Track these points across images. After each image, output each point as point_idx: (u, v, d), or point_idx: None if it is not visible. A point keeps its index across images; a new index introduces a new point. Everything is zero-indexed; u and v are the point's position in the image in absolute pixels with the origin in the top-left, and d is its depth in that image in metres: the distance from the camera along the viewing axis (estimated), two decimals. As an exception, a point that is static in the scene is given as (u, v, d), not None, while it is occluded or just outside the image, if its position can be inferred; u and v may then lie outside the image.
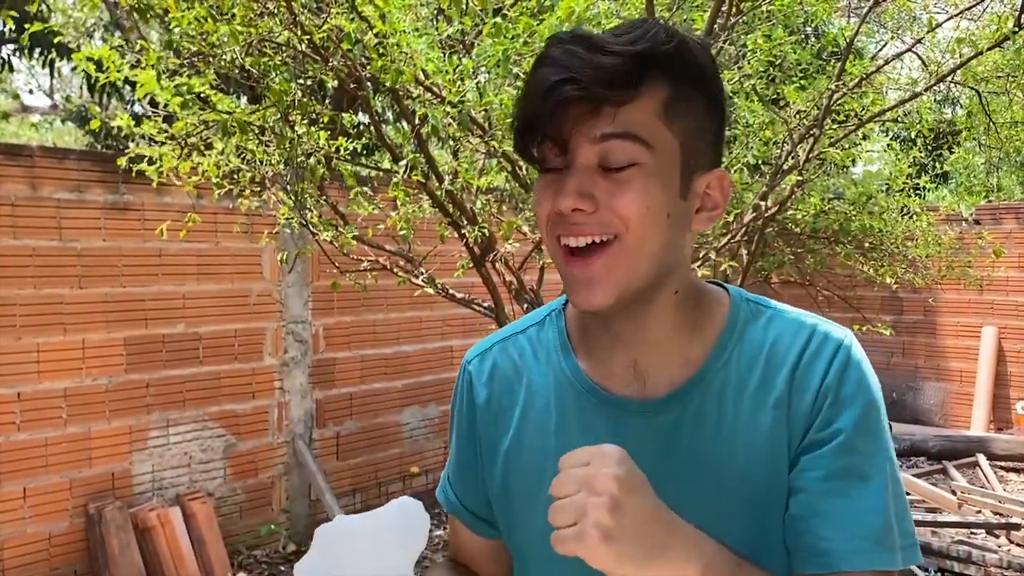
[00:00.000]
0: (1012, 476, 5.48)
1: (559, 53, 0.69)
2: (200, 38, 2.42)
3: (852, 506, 0.74)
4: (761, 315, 0.81)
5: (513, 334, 0.90)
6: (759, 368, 0.78)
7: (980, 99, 3.47)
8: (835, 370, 0.76)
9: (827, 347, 0.77)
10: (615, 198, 0.71)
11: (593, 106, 0.69)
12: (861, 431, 0.75)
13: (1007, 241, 6.32)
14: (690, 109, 0.73)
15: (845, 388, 0.76)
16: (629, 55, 0.69)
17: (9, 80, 10.49)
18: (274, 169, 2.87)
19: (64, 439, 3.63)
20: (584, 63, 0.68)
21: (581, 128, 0.70)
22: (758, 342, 0.79)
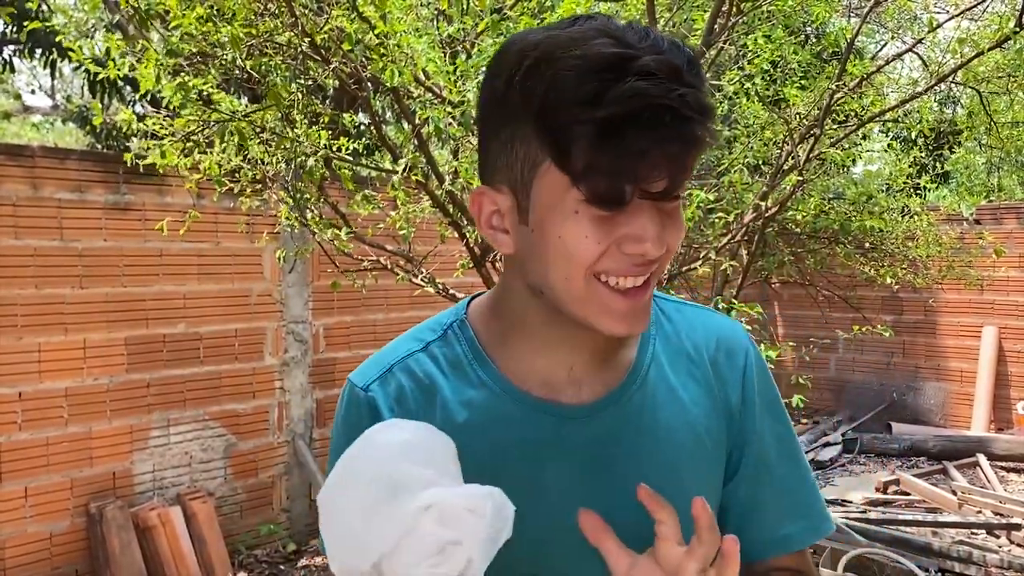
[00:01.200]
0: (1013, 476, 5.47)
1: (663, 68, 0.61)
2: (201, 38, 2.43)
3: (795, 489, 0.82)
4: (666, 309, 0.84)
5: (411, 352, 0.81)
6: (683, 362, 0.81)
7: (981, 99, 3.47)
8: (751, 369, 0.82)
9: (738, 344, 0.83)
10: (672, 232, 0.68)
11: (699, 145, 0.64)
12: (780, 420, 0.83)
13: (1008, 241, 6.31)
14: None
15: (761, 386, 0.83)
16: (701, 85, 0.64)
17: (10, 80, 10.50)
18: (275, 169, 2.87)
19: (65, 439, 3.64)
20: (695, 96, 0.62)
21: (687, 166, 0.65)
22: (674, 337, 0.82)
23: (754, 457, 0.81)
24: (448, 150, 3.07)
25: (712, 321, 0.84)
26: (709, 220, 3.39)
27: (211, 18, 2.34)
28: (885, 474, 5.35)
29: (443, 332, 0.82)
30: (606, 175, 0.63)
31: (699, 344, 0.82)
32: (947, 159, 9.09)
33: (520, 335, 0.77)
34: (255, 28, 2.42)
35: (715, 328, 0.84)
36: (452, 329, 0.82)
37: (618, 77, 0.61)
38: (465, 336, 0.80)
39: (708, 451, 0.79)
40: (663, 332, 0.82)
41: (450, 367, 0.79)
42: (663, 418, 0.78)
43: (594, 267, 0.67)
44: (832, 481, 5.41)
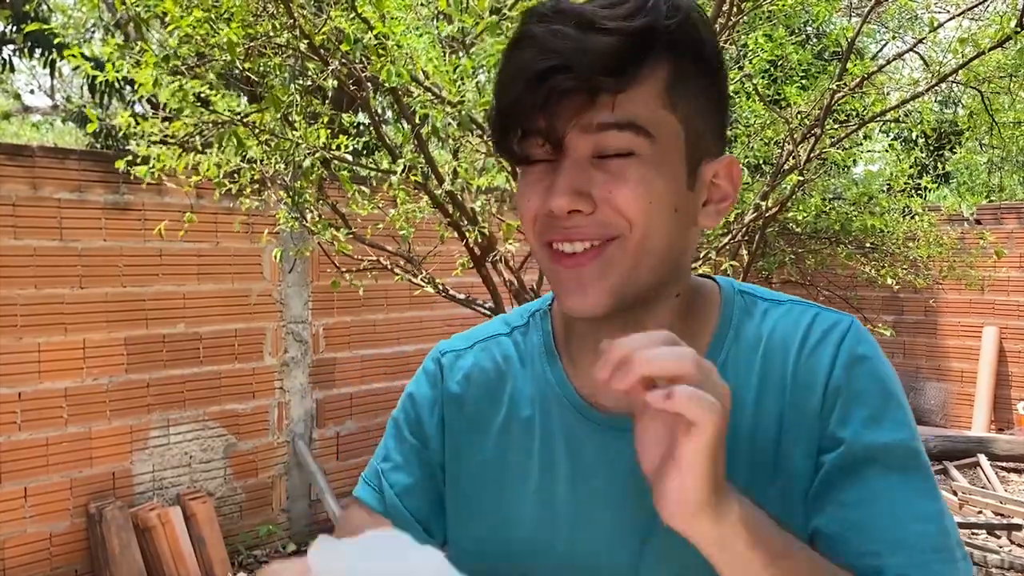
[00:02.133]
0: (1013, 476, 5.47)
1: (544, 33, 0.59)
2: (200, 39, 2.42)
3: (895, 512, 0.63)
4: (755, 308, 0.73)
5: (496, 335, 0.80)
6: (756, 368, 0.70)
7: (983, 99, 3.46)
8: (842, 363, 0.67)
9: (830, 338, 0.68)
10: (613, 192, 0.62)
11: (589, 96, 0.60)
12: (883, 428, 0.66)
13: (1008, 241, 6.31)
14: (694, 90, 0.64)
15: (856, 383, 0.67)
16: (627, 34, 0.59)
17: (10, 80, 10.50)
18: (274, 169, 2.87)
19: (65, 439, 3.63)
20: (576, 46, 0.58)
21: (574, 118, 0.61)
22: (754, 339, 0.71)
23: (838, 469, 0.65)
24: (448, 150, 3.07)
25: (806, 314, 0.71)
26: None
27: (209, 20, 2.33)
28: (886, 474, 5.33)
29: (527, 320, 0.80)
30: (496, 131, 0.65)
31: (781, 342, 0.70)
32: (948, 159, 9.09)
33: (581, 332, 0.75)
34: (253, 29, 2.41)
35: (807, 321, 0.70)
36: (535, 318, 0.80)
37: (523, 22, 0.62)
38: (543, 328, 0.78)
39: (771, 464, 0.67)
40: (744, 333, 0.71)
41: (527, 357, 0.77)
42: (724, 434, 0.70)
43: (537, 232, 0.66)
44: (833, 481, 5.40)
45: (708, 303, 0.74)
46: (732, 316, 0.73)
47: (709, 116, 0.66)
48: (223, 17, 2.36)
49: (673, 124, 0.64)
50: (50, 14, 6.86)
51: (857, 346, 0.68)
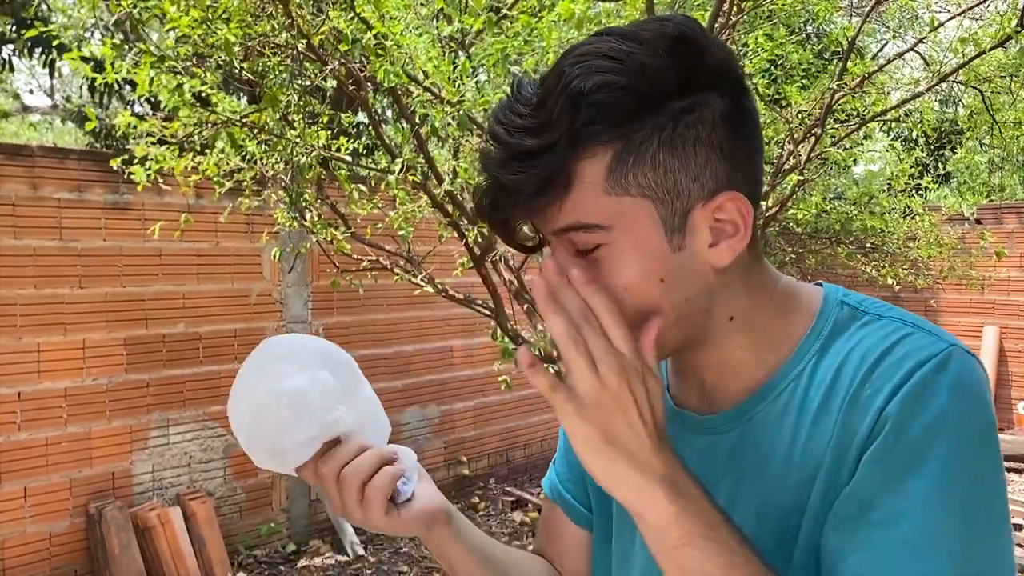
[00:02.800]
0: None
1: (489, 165, 0.64)
2: (199, 39, 2.42)
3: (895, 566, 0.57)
4: (854, 322, 0.67)
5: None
6: (825, 383, 0.64)
7: (983, 99, 3.46)
8: (904, 393, 0.59)
9: (907, 362, 0.60)
10: (590, 276, 0.64)
11: (534, 215, 0.65)
12: (920, 478, 0.57)
13: (1008, 241, 6.30)
14: (647, 152, 0.61)
15: (916, 418, 0.58)
16: (545, 157, 0.60)
17: (9, 80, 10.50)
18: (273, 169, 2.87)
19: (64, 439, 3.63)
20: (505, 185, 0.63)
21: (537, 223, 0.67)
22: (838, 355, 0.65)
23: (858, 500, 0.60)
24: (448, 149, 3.06)
25: (896, 334, 0.63)
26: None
27: (207, 20, 2.33)
28: (886, 474, 5.33)
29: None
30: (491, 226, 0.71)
31: (854, 361, 0.64)
32: (948, 159, 9.08)
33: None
34: (252, 29, 2.41)
35: (892, 342, 0.63)
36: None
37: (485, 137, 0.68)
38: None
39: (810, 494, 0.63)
40: (833, 348, 0.66)
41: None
42: (779, 447, 0.66)
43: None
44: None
45: (802, 314, 0.70)
46: (824, 328, 0.68)
47: (685, 164, 0.62)
48: (221, 17, 2.35)
49: (629, 203, 0.62)
50: (50, 13, 6.86)
51: (931, 382, 0.58)
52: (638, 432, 0.57)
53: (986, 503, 0.58)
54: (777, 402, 0.67)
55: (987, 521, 0.58)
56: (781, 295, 0.71)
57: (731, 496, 0.68)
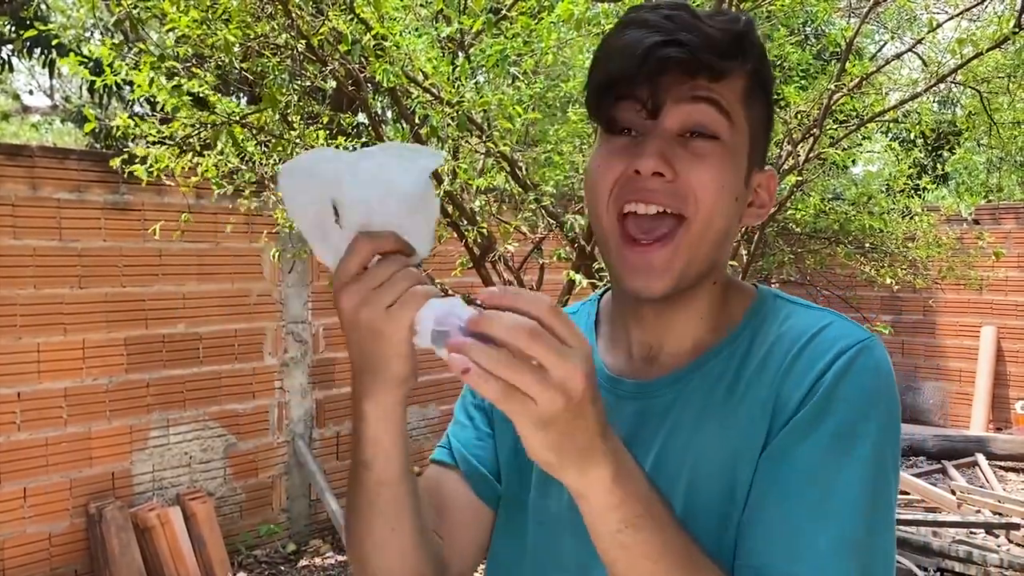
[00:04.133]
0: (1011, 476, 5.48)
1: (657, 18, 0.67)
2: (198, 40, 2.42)
3: (795, 520, 0.63)
4: (783, 310, 0.75)
5: None
6: (756, 360, 0.71)
7: (981, 99, 3.47)
8: (837, 368, 0.66)
9: (837, 343, 0.68)
10: (693, 170, 0.69)
11: (690, 73, 0.68)
12: (840, 439, 0.64)
13: (1006, 241, 6.32)
14: (758, 104, 0.73)
15: (841, 388, 0.66)
16: (729, 32, 0.69)
17: (9, 80, 10.50)
18: (272, 170, 2.87)
19: (64, 439, 3.63)
20: (689, 28, 0.67)
21: (673, 91, 0.68)
22: (769, 335, 0.73)
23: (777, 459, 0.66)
24: (447, 150, 3.07)
25: (821, 321, 0.72)
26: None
27: (207, 21, 2.34)
28: (885, 474, 5.34)
29: (578, 309, 0.88)
30: (592, 96, 0.72)
31: (786, 342, 0.71)
32: (947, 160, 9.10)
33: (619, 314, 0.81)
34: (251, 30, 2.42)
35: (819, 327, 0.71)
36: (584, 306, 0.88)
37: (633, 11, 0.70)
38: (588, 311, 0.86)
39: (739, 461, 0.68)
40: (763, 331, 0.73)
41: None
42: (710, 414, 0.71)
43: (612, 199, 0.71)
44: (832, 481, 5.41)
45: (741, 299, 0.78)
46: (758, 314, 0.76)
47: (763, 131, 0.75)
48: (220, 18, 2.36)
49: (745, 123, 0.72)
50: (49, 13, 6.86)
51: (858, 363, 0.67)
52: (591, 427, 0.57)
53: (887, 490, 0.67)
54: (712, 371, 0.73)
55: (886, 507, 0.67)
56: (735, 282, 0.80)
57: (662, 455, 0.72)
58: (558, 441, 0.55)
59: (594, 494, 0.59)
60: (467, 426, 0.85)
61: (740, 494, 0.67)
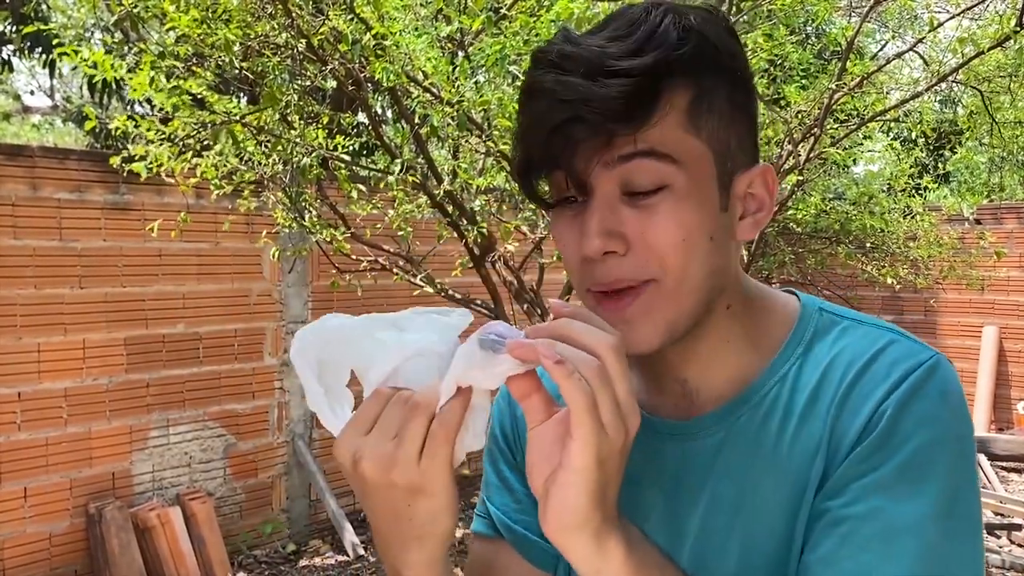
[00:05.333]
0: (1013, 476, 5.46)
1: (553, 83, 0.59)
2: (198, 40, 2.42)
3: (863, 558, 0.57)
4: (834, 327, 0.67)
5: None
6: (808, 389, 0.64)
7: (982, 98, 3.46)
8: (898, 396, 0.60)
9: (899, 367, 0.61)
10: (647, 232, 0.61)
11: (607, 137, 0.59)
12: (905, 474, 0.58)
13: (1008, 241, 6.31)
14: (718, 106, 0.63)
15: (904, 418, 0.59)
16: (636, 74, 0.58)
17: (10, 81, 10.50)
18: (272, 170, 2.87)
19: (64, 439, 3.63)
20: (585, 96, 0.57)
21: (596, 157, 0.60)
22: (823, 358, 0.65)
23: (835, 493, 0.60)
24: (447, 150, 3.07)
25: (881, 339, 0.64)
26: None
27: (207, 20, 2.34)
28: (886, 474, 5.33)
29: None
30: (520, 179, 0.64)
31: (843, 364, 0.64)
32: (948, 159, 9.09)
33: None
34: (252, 29, 2.41)
35: (880, 347, 0.63)
36: None
37: (531, 70, 0.62)
38: None
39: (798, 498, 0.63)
40: (814, 352, 0.66)
41: None
42: (763, 450, 0.65)
43: (580, 281, 0.65)
44: (833, 481, 5.41)
45: (780, 315, 0.70)
46: (805, 332, 0.68)
47: (737, 128, 0.65)
48: (221, 17, 2.36)
49: (699, 148, 0.62)
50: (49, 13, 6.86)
51: (924, 387, 0.60)
52: (617, 482, 0.54)
53: (969, 511, 0.60)
54: (762, 404, 0.66)
55: (968, 529, 0.59)
56: (760, 297, 0.71)
57: (712, 505, 0.66)
58: (600, 491, 0.52)
59: (610, 569, 0.54)
60: (502, 489, 0.78)
61: (798, 547, 0.62)
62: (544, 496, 0.54)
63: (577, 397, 0.50)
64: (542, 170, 0.63)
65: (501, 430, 0.81)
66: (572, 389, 0.50)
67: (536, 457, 0.55)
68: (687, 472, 0.67)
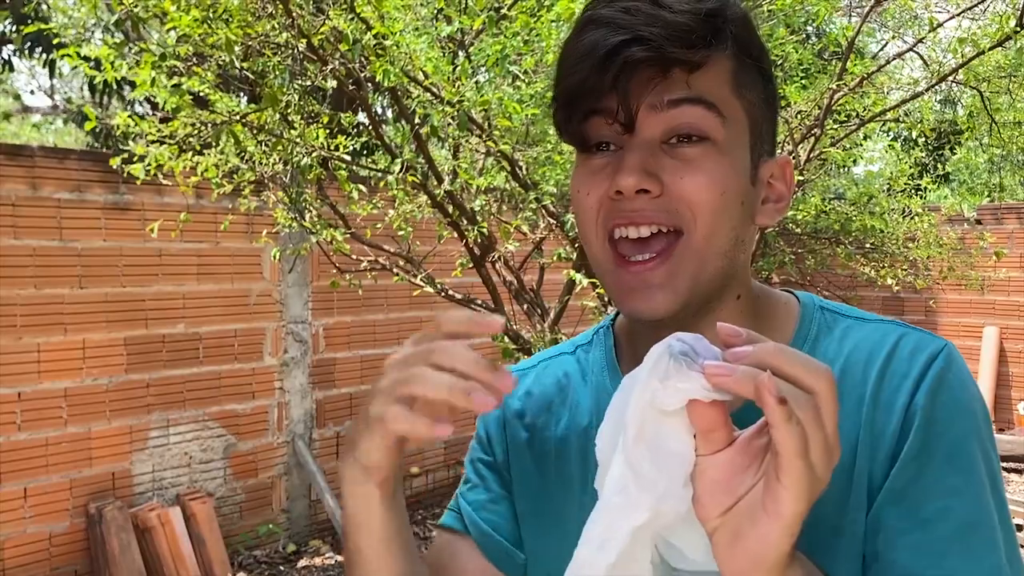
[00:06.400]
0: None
1: (614, 12, 0.59)
2: (199, 39, 2.42)
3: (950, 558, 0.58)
4: (837, 325, 0.69)
5: (560, 354, 0.80)
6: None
7: (982, 99, 3.46)
8: (927, 388, 0.62)
9: (918, 359, 0.63)
10: (684, 179, 0.60)
11: (662, 70, 0.59)
12: (952, 466, 0.61)
13: (1009, 241, 6.31)
14: (754, 84, 0.64)
15: (936, 415, 0.61)
16: (699, 14, 0.59)
17: (10, 80, 10.51)
18: (272, 170, 2.87)
19: (64, 439, 3.63)
20: (651, 21, 0.58)
21: (646, 94, 0.60)
22: (832, 357, 0.66)
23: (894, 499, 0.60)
24: (447, 150, 3.07)
25: (892, 334, 0.66)
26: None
27: (207, 20, 2.34)
28: (886, 474, 5.34)
29: (592, 338, 0.80)
30: (558, 112, 0.64)
31: (861, 362, 0.65)
32: (948, 159, 9.09)
33: (644, 340, 0.71)
34: (252, 29, 2.41)
35: (892, 342, 0.65)
36: (598, 335, 0.79)
37: (588, 9, 0.62)
38: (605, 343, 0.77)
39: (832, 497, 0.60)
40: (819, 349, 0.67)
41: (588, 372, 0.77)
42: None
43: (599, 223, 0.64)
44: (833, 481, 5.41)
45: (783, 316, 0.71)
46: (809, 332, 0.69)
47: (766, 114, 0.66)
48: (221, 17, 2.36)
49: (740, 112, 0.63)
50: (49, 13, 6.86)
51: (947, 374, 0.63)
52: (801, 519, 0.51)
53: (1000, 486, 0.64)
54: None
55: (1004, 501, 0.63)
56: (764, 294, 0.72)
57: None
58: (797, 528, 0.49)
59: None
60: (478, 486, 0.78)
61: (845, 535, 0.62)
62: (734, 534, 0.50)
63: (792, 443, 0.46)
64: (587, 104, 0.61)
65: (485, 429, 0.81)
66: (789, 435, 0.46)
67: (711, 487, 0.51)
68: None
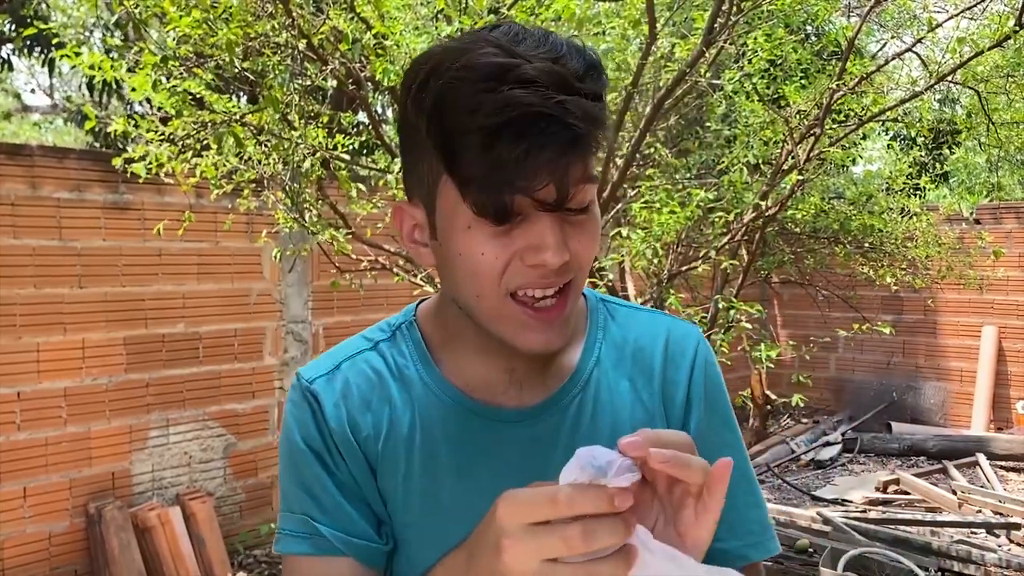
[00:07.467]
0: (1012, 476, 5.47)
1: (532, 96, 0.60)
2: (199, 40, 2.42)
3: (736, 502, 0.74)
4: (618, 313, 0.84)
5: (360, 351, 0.80)
6: (627, 366, 0.80)
7: (980, 99, 3.46)
8: (699, 370, 0.81)
9: (688, 343, 0.82)
10: (581, 244, 0.68)
11: (582, 154, 0.64)
12: (727, 427, 0.82)
13: (1007, 240, 6.32)
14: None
15: (710, 388, 0.81)
16: (597, 95, 0.65)
17: (9, 79, 10.50)
18: (272, 170, 2.87)
19: (64, 439, 3.63)
20: (572, 108, 0.61)
21: (573, 174, 0.64)
22: (620, 340, 0.81)
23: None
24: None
25: (662, 322, 0.84)
26: (709, 219, 3.38)
27: (207, 20, 2.34)
28: (885, 473, 5.35)
29: (392, 333, 0.82)
30: (486, 187, 0.64)
31: (647, 346, 0.81)
32: (947, 159, 9.10)
33: (460, 340, 0.78)
34: (252, 29, 2.41)
35: (665, 329, 0.83)
36: (400, 330, 0.82)
37: (496, 86, 0.61)
38: (412, 338, 0.81)
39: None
40: (610, 335, 0.82)
41: (397, 367, 0.79)
42: (605, 421, 0.77)
43: (502, 284, 0.67)
44: (832, 480, 5.41)
45: (579, 310, 0.82)
46: (599, 321, 0.82)
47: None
48: (221, 17, 2.36)
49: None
50: (49, 12, 6.86)
51: (708, 354, 0.83)
52: None
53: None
54: (588, 385, 0.78)
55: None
56: None
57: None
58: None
59: None
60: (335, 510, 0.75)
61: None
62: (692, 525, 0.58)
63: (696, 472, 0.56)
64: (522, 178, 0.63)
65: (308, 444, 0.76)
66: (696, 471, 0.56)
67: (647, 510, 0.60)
68: (530, 456, 0.75)
